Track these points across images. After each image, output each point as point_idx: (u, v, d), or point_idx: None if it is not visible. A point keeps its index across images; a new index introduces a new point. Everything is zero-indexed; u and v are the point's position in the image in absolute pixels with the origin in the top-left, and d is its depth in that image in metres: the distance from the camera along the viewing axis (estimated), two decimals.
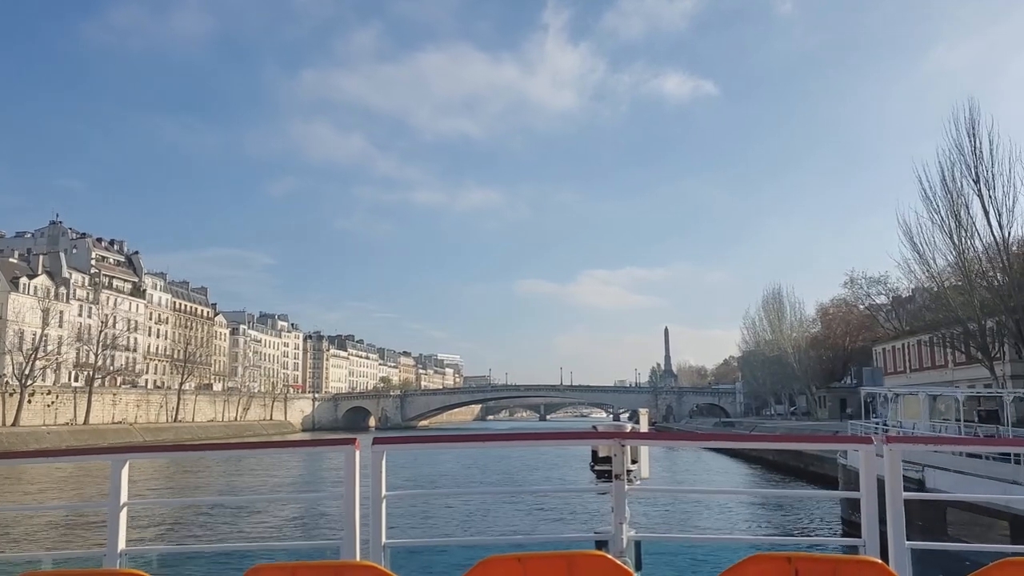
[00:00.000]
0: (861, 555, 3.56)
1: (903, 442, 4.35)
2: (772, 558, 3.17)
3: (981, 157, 37.55)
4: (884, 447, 3.77)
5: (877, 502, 3.72)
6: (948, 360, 52.15)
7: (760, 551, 3.39)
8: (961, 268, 39.95)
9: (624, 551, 3.83)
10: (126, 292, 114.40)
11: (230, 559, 9.69)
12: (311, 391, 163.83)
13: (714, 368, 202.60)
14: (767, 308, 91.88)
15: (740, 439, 16.86)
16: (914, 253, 42.06)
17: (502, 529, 21.06)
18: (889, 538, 3.65)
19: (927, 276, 43.47)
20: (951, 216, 39.31)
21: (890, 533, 3.65)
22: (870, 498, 3.73)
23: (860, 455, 3.82)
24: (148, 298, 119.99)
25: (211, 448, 6.05)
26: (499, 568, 3.18)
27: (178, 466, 45.32)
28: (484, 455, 47.03)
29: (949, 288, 42.27)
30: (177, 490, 37.14)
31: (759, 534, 20.68)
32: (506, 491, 36.35)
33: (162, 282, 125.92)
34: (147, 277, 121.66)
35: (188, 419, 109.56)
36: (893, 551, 3.65)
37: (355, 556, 3.80)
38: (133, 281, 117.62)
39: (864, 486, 3.74)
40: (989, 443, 16.82)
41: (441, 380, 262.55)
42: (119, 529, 4.01)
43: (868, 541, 3.67)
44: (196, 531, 22.34)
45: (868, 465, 3.78)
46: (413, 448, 4.72)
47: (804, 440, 7.68)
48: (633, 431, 4.21)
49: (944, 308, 43.54)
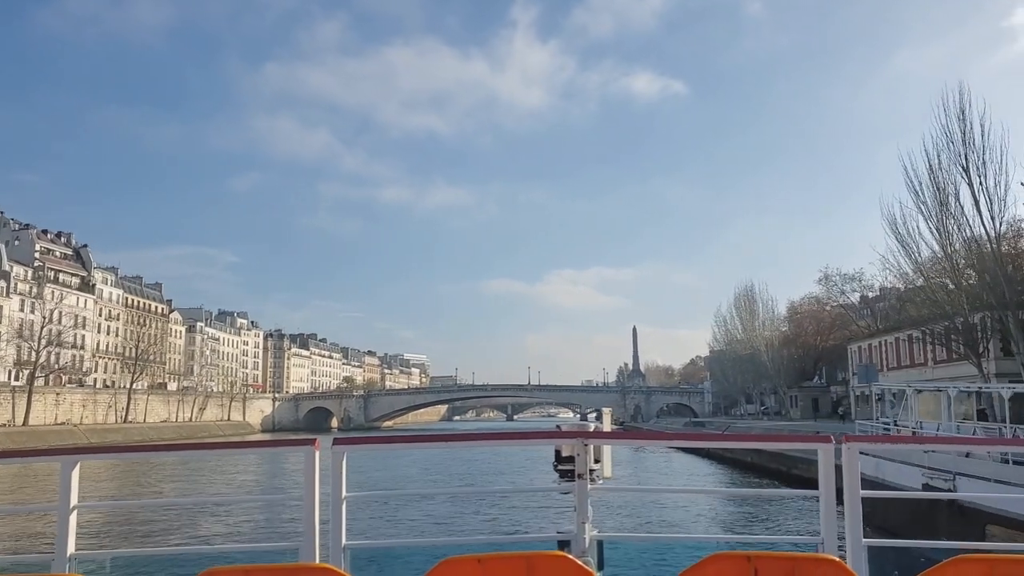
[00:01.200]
0: (819, 553, 3.58)
1: (861, 441, 3.96)
2: (732, 557, 3.16)
3: (972, 143, 35.71)
4: (843, 445, 3.82)
5: (839, 500, 3.79)
6: (928, 358, 50.55)
7: (721, 550, 3.36)
8: (949, 260, 38.19)
9: (586, 550, 3.85)
10: (73, 287, 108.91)
11: (186, 562, 9.39)
12: (272, 391, 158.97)
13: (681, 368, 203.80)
14: (739, 305, 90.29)
15: (705, 438, 16.55)
16: (899, 245, 40.26)
17: (465, 530, 20.60)
18: (846, 535, 3.69)
19: (912, 269, 41.69)
20: (939, 206, 37.52)
21: (847, 530, 3.69)
22: (828, 497, 3.80)
23: (819, 454, 3.85)
24: (98, 293, 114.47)
25: (166, 449, 5.49)
26: (459, 569, 3.17)
27: (130, 468, 42.98)
28: (449, 457, 45.55)
29: (935, 281, 40.57)
30: (129, 493, 34.99)
31: (723, 533, 20.63)
32: (469, 492, 35.30)
33: (113, 277, 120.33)
34: (97, 272, 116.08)
35: (139, 420, 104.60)
36: (850, 548, 3.68)
37: (315, 558, 3.79)
38: (81, 275, 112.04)
39: (823, 485, 3.79)
40: (987, 443, 14.78)
41: (407, 380, 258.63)
42: (68, 533, 3.96)
43: (827, 539, 3.74)
44: (150, 534, 21.62)
45: (827, 464, 3.82)
46: (374, 448, 5.46)
47: (765, 440, 8.19)
48: (596, 430, 4.24)
49: (930, 302, 41.82)
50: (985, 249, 36.00)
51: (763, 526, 22.21)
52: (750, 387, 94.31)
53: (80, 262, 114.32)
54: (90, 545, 16.19)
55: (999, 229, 35.54)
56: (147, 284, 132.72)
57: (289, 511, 20.01)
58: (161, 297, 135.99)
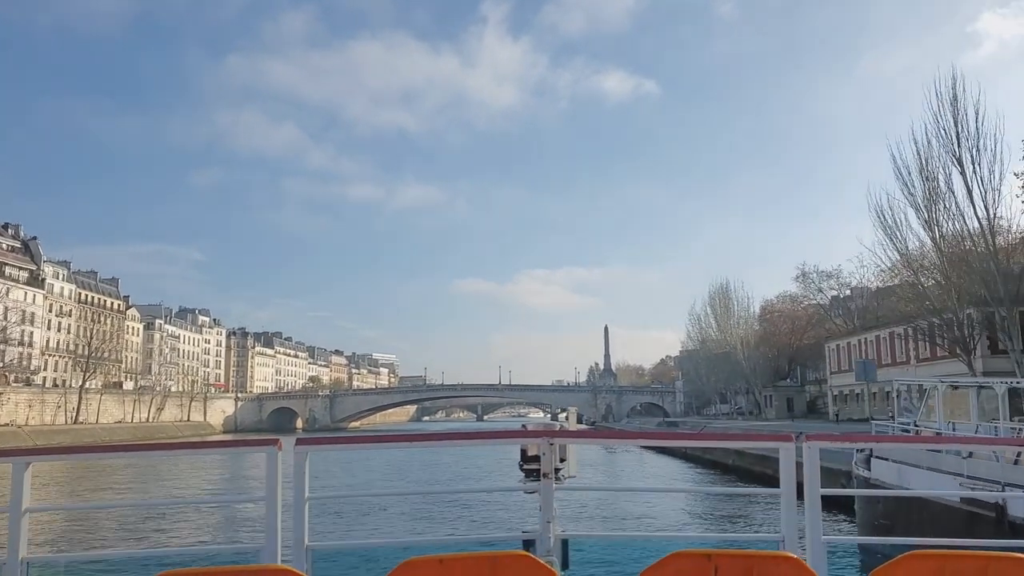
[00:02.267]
0: (779, 551, 3.61)
1: (821, 439, 3.92)
2: (692, 555, 3.17)
3: (965, 130, 34.07)
4: (803, 444, 3.84)
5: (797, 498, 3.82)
6: (911, 356, 49.04)
7: (684, 548, 3.37)
8: (939, 252, 36.54)
9: (551, 549, 3.86)
10: (22, 281, 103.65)
11: (145, 565, 9.05)
12: (235, 391, 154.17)
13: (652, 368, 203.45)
14: (713, 303, 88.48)
15: (670, 437, 16.27)
16: (886, 238, 38.52)
17: (430, 530, 20.26)
18: (806, 533, 3.70)
19: (901, 262, 39.99)
20: (929, 196, 35.83)
21: (807, 528, 3.71)
22: (789, 495, 3.82)
23: (780, 452, 3.85)
24: (48, 288, 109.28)
25: (124, 449, 5.33)
26: (420, 570, 3.14)
27: (81, 470, 40.83)
28: (415, 457, 44.49)
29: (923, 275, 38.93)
30: (80, 499, 33.47)
31: (688, 531, 20.70)
32: (435, 492, 34.67)
33: (65, 271, 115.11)
34: (47, 266, 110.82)
35: (91, 420, 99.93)
36: (810, 545, 3.71)
37: (277, 560, 3.77)
38: (30, 269, 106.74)
39: (784, 484, 3.82)
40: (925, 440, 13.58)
41: (375, 380, 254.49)
42: (21, 536, 3.92)
43: (787, 537, 3.75)
44: (107, 537, 21.05)
45: (787, 462, 3.83)
46: (338, 449, 5.37)
47: (728, 439, 8.94)
48: (561, 430, 4.33)
49: (917, 297, 40.20)
50: (978, 241, 34.37)
51: (731, 524, 22.07)
52: (723, 387, 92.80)
53: (29, 255, 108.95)
54: (44, 549, 16.08)
55: (993, 220, 33.97)
56: (102, 279, 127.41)
57: (252, 513, 19.54)
58: (118, 293, 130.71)
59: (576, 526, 14.73)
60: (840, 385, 61.41)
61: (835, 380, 63.77)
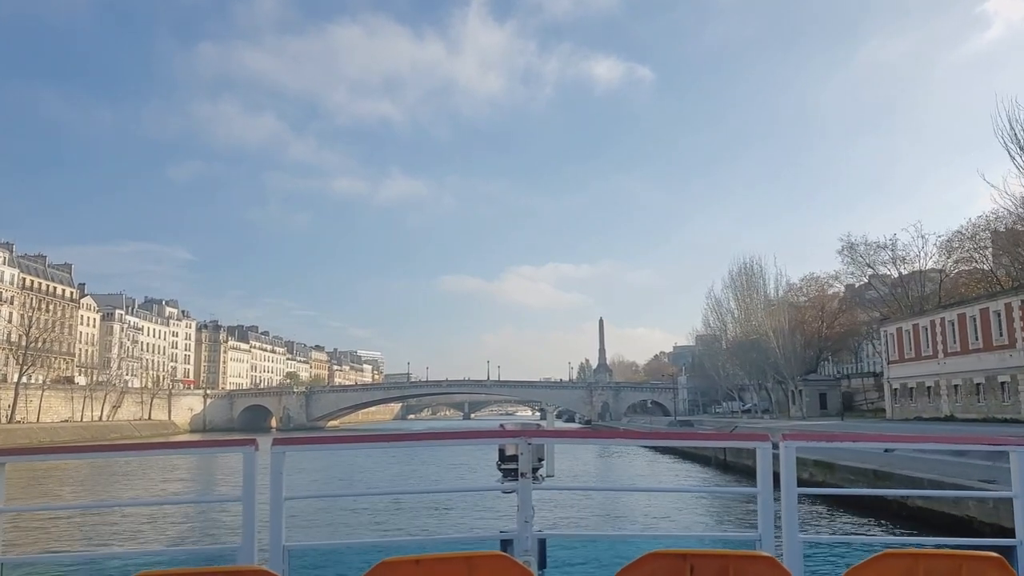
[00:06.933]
0: (755, 550, 3.62)
1: (798, 439, 3.92)
2: (668, 555, 3.16)
3: None
4: (780, 443, 3.83)
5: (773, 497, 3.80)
6: (1018, 336, 38.93)
7: (661, 547, 3.35)
8: None
9: (529, 549, 3.84)
10: None
11: (122, 566, 8.04)
12: (205, 387, 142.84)
13: (645, 364, 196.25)
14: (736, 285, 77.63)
15: (653, 436, 9.84)
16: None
17: (408, 530, 19.40)
18: (783, 532, 3.70)
19: None
20: None
21: (784, 527, 3.70)
22: (765, 494, 3.80)
23: (757, 452, 3.83)
24: None
25: (100, 450, 4.73)
26: (397, 570, 3.11)
27: (28, 472, 36.71)
28: (402, 456, 43.37)
29: None
30: (48, 498, 31.82)
31: (667, 531, 20.20)
32: (413, 492, 33.63)
33: (8, 254, 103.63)
34: None
35: (30, 419, 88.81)
36: (786, 544, 3.71)
37: (253, 560, 3.71)
38: None
39: (760, 483, 3.81)
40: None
41: (358, 377, 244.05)
42: None
43: (764, 535, 3.76)
44: (83, 538, 20.41)
45: (764, 462, 3.81)
46: (315, 448, 4.96)
47: (702, 438, 9.43)
48: (540, 429, 4.18)
49: None
50: None
51: (711, 523, 21.79)
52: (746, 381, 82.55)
53: None
54: (19, 550, 15.68)
55: None
56: (52, 265, 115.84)
57: (228, 514, 18.73)
58: (70, 280, 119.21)
59: (554, 524, 15.37)
60: (903, 377, 51.40)
61: (895, 371, 53.76)
